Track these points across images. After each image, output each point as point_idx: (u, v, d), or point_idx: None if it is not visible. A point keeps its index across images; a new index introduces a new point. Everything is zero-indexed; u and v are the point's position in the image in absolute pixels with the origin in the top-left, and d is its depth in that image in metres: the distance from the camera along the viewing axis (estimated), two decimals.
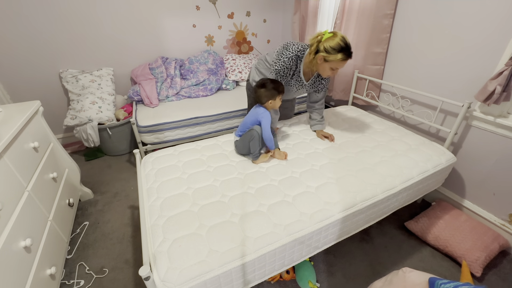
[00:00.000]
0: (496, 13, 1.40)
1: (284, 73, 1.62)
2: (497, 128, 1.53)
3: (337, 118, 2.10)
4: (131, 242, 1.69)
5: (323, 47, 1.46)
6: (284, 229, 1.09)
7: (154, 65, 2.78)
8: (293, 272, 1.45)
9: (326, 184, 1.34)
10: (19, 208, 1.14)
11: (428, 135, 1.94)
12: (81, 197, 2.03)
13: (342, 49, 1.43)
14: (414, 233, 1.68)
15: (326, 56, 1.46)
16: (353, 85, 2.35)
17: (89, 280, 1.47)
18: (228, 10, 3.05)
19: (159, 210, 1.20)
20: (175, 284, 0.89)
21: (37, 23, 2.27)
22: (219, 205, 1.22)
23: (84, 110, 2.33)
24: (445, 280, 0.96)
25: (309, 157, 1.58)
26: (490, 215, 1.67)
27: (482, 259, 1.42)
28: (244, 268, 1.00)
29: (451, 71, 1.68)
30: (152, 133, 2.22)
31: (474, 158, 1.69)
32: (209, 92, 2.82)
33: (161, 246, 1.01)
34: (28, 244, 1.11)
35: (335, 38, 1.44)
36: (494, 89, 1.38)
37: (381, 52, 2.08)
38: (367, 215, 1.34)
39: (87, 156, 2.61)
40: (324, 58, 1.48)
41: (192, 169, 1.48)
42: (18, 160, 1.24)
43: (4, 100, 2.33)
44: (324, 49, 1.45)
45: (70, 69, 2.51)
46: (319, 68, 1.56)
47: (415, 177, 1.44)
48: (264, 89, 1.50)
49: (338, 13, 2.35)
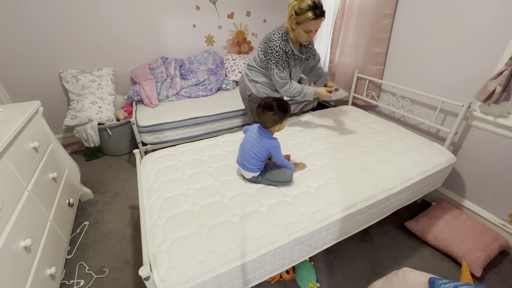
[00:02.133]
0: (496, 13, 1.40)
1: (283, 60, 1.60)
2: (497, 128, 1.53)
3: (337, 118, 2.10)
4: (131, 242, 1.69)
5: (293, 10, 1.44)
6: (284, 229, 1.09)
7: (154, 65, 2.78)
8: (293, 272, 1.45)
9: (326, 184, 1.34)
10: (19, 208, 1.14)
11: (428, 135, 1.94)
12: (81, 197, 2.03)
13: (310, 8, 1.40)
14: (414, 233, 1.68)
15: (296, 18, 1.45)
16: (353, 85, 2.35)
17: (89, 280, 1.47)
18: (228, 10, 3.05)
19: (159, 210, 1.20)
20: (175, 284, 0.89)
21: (37, 23, 2.27)
22: (219, 205, 1.22)
23: (84, 110, 2.33)
24: (445, 280, 0.96)
25: (309, 157, 1.58)
26: (490, 215, 1.67)
27: (482, 259, 1.42)
28: (244, 268, 1.00)
29: (451, 71, 1.68)
30: (152, 133, 2.22)
31: (474, 158, 1.69)
32: (209, 92, 2.82)
33: (161, 246, 1.01)
34: (28, 244, 1.11)
35: (304, 0, 1.41)
36: (494, 89, 1.38)
37: (381, 52, 2.08)
38: (367, 215, 1.34)
39: (87, 156, 2.61)
40: (296, 21, 1.46)
41: (192, 169, 1.48)
42: (18, 160, 1.24)
43: (4, 100, 2.33)
44: (295, 12, 1.44)
45: (70, 69, 2.51)
46: (295, 34, 1.54)
47: (415, 177, 1.44)
48: (271, 112, 1.24)
49: (338, 13, 2.35)
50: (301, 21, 1.44)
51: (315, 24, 1.46)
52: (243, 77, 1.89)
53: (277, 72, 1.63)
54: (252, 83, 1.81)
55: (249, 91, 1.84)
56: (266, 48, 1.61)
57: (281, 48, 1.57)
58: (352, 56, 2.35)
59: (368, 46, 2.15)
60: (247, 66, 1.85)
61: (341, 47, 2.44)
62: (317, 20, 1.44)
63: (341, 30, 2.40)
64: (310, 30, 1.48)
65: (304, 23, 1.45)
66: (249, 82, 1.83)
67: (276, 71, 1.63)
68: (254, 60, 1.78)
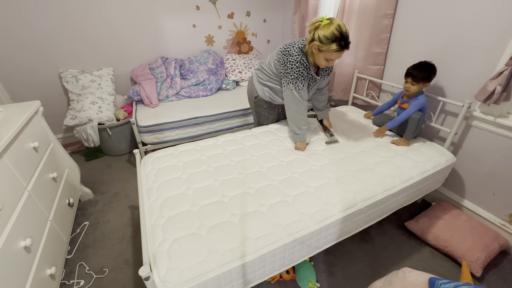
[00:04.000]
0: (496, 13, 1.40)
1: (303, 77, 1.51)
2: (497, 128, 1.53)
3: (337, 118, 2.10)
4: (131, 242, 1.69)
5: (317, 35, 1.35)
6: (284, 229, 1.09)
7: (154, 65, 2.78)
8: (293, 272, 1.45)
9: (326, 184, 1.34)
10: (19, 208, 1.14)
11: (428, 135, 1.94)
12: (81, 197, 2.03)
13: (337, 39, 1.32)
14: (414, 233, 1.69)
15: (320, 46, 1.37)
16: (353, 85, 2.35)
17: (89, 280, 1.47)
18: (228, 10, 3.05)
19: (159, 210, 1.20)
20: (175, 284, 0.89)
21: (37, 23, 2.27)
22: (219, 205, 1.22)
23: (84, 110, 2.33)
24: (445, 280, 0.96)
25: (309, 157, 1.58)
26: (490, 215, 1.67)
27: (482, 259, 1.42)
28: (244, 268, 1.00)
29: (451, 71, 1.68)
30: (152, 133, 2.22)
31: (474, 158, 1.69)
32: (209, 92, 2.82)
33: (161, 246, 1.01)
34: (28, 244, 1.11)
35: (330, 26, 1.32)
36: (494, 89, 1.38)
37: (381, 52, 2.08)
38: (367, 215, 1.34)
39: (87, 156, 2.61)
40: (318, 48, 1.39)
41: (192, 169, 1.48)
42: (18, 160, 1.24)
43: (4, 100, 2.33)
44: (318, 38, 1.35)
45: (70, 69, 2.51)
46: (315, 57, 1.47)
47: (415, 177, 1.44)
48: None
49: (338, 13, 2.35)
50: (324, 50, 1.37)
51: (338, 55, 1.39)
52: (252, 78, 1.86)
53: (295, 88, 1.54)
54: (261, 86, 1.77)
55: (256, 93, 1.80)
56: (285, 61, 1.51)
57: (302, 64, 1.49)
58: (352, 56, 2.35)
59: (368, 46, 2.15)
60: (260, 68, 1.77)
61: None
62: (341, 52, 1.38)
63: None
64: (332, 59, 1.42)
65: (327, 53, 1.38)
66: (258, 84, 1.78)
67: (294, 88, 1.54)
68: (268, 65, 1.69)
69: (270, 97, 1.77)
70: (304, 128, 1.64)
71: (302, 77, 1.51)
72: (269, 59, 1.69)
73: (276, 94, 1.75)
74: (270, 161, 1.55)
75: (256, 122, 2.02)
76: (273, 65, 1.64)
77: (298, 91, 1.55)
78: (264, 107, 1.87)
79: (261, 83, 1.77)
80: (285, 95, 1.62)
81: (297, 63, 1.48)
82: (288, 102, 1.63)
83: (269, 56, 1.70)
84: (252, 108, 1.96)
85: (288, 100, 1.62)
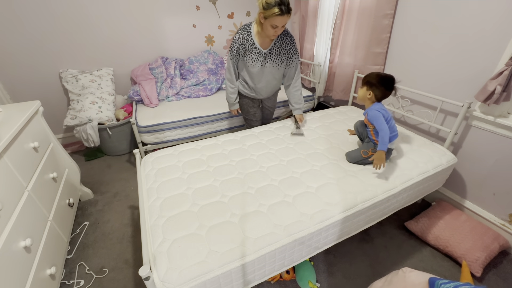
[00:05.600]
0: (496, 13, 1.40)
1: (236, 50, 1.68)
2: (497, 128, 1.52)
3: (337, 118, 2.10)
4: (131, 242, 1.69)
5: (261, 4, 1.47)
6: (284, 229, 1.09)
7: (154, 65, 2.78)
8: (293, 272, 1.45)
9: (326, 185, 1.34)
10: (19, 208, 1.14)
11: (428, 135, 1.94)
12: (81, 197, 2.03)
13: (277, 4, 1.43)
14: (414, 233, 1.68)
15: (264, 13, 1.49)
16: (353, 85, 2.34)
17: (89, 280, 1.47)
18: (228, 10, 3.05)
19: (159, 210, 1.20)
20: (175, 284, 0.89)
21: (37, 23, 2.27)
22: (219, 205, 1.22)
23: (84, 110, 2.33)
24: (445, 280, 0.96)
25: (309, 157, 1.58)
26: (490, 215, 1.67)
27: (482, 259, 1.42)
28: (244, 268, 1.00)
29: (451, 71, 1.68)
30: (152, 133, 2.22)
31: (474, 158, 1.69)
32: (209, 92, 2.82)
33: (161, 246, 1.01)
34: (28, 244, 1.11)
35: None
36: (494, 89, 1.38)
37: (381, 52, 2.08)
38: (367, 216, 1.34)
39: (87, 156, 2.61)
40: (264, 15, 1.50)
41: (192, 169, 1.48)
42: (18, 160, 1.24)
43: (4, 100, 2.33)
44: (262, 5, 1.47)
45: (70, 69, 2.51)
46: (263, 28, 1.58)
47: (415, 177, 1.44)
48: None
49: (338, 13, 2.35)
50: (268, 16, 1.48)
51: (281, 20, 1.48)
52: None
53: (229, 58, 1.74)
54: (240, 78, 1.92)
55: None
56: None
57: (239, 36, 1.65)
58: (352, 56, 2.35)
59: (368, 46, 2.15)
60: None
61: (341, 47, 2.44)
62: (283, 16, 1.46)
63: (341, 30, 2.39)
64: (276, 25, 1.51)
65: (271, 18, 1.48)
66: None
67: (229, 57, 1.74)
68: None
69: (243, 86, 1.88)
70: (232, 97, 1.91)
71: (235, 49, 1.69)
72: None
73: (244, 81, 1.86)
74: (270, 160, 1.55)
75: (245, 121, 2.12)
76: None
77: (229, 60, 1.77)
78: (245, 102, 1.99)
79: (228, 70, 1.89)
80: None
81: (235, 37, 1.67)
82: (225, 71, 1.88)
83: None
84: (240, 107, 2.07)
85: (225, 69, 1.87)
